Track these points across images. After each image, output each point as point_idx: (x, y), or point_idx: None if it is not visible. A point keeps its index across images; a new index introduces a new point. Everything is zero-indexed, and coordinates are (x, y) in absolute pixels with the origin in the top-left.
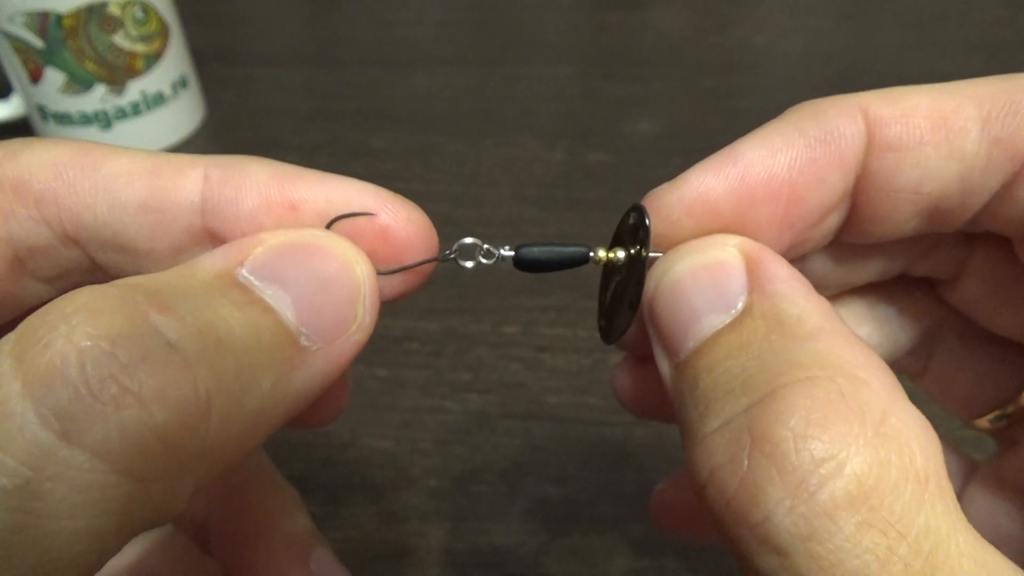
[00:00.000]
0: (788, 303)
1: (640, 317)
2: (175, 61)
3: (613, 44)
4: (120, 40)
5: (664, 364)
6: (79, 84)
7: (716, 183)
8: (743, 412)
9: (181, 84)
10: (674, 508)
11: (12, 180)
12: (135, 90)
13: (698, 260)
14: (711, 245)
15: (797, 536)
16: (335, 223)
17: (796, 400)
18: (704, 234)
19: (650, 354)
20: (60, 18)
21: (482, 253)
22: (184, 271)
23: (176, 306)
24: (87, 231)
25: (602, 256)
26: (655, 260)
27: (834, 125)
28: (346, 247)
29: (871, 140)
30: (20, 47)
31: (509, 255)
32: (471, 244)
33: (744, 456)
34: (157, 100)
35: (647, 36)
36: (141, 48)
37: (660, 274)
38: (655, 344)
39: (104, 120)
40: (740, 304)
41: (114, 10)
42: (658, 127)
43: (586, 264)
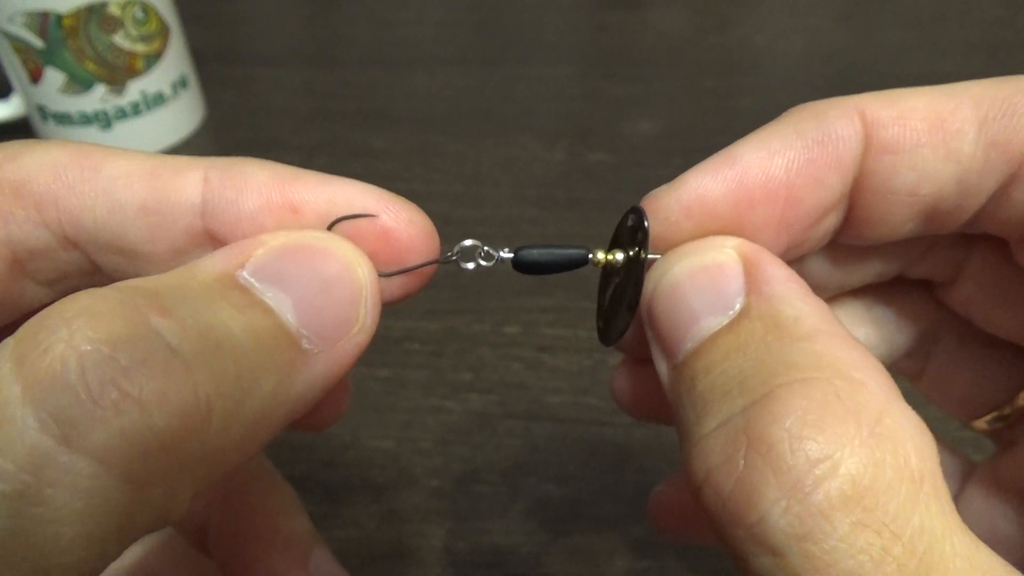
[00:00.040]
0: (785, 304)
1: (639, 319)
2: (175, 61)
3: (613, 44)
4: (120, 40)
5: (662, 365)
6: (79, 84)
7: (714, 185)
8: (740, 413)
9: (181, 84)
10: (673, 510)
11: (12, 182)
12: (135, 90)
13: (696, 262)
14: (709, 247)
15: (792, 536)
16: (336, 225)
17: (792, 401)
18: (702, 236)
19: (648, 356)
20: (60, 18)
21: (482, 255)
22: (184, 273)
23: (176, 309)
24: (87, 233)
25: (601, 258)
26: (653, 262)
27: (832, 127)
28: (347, 249)
29: (868, 142)
30: (20, 47)
31: (508, 257)
32: (471, 246)
33: (740, 457)
34: (157, 100)
35: (647, 36)
36: (141, 48)
37: (658, 276)
38: (653, 346)
39: (104, 120)
40: (738, 306)
41: (114, 10)
42: (658, 127)
43: (585, 266)
